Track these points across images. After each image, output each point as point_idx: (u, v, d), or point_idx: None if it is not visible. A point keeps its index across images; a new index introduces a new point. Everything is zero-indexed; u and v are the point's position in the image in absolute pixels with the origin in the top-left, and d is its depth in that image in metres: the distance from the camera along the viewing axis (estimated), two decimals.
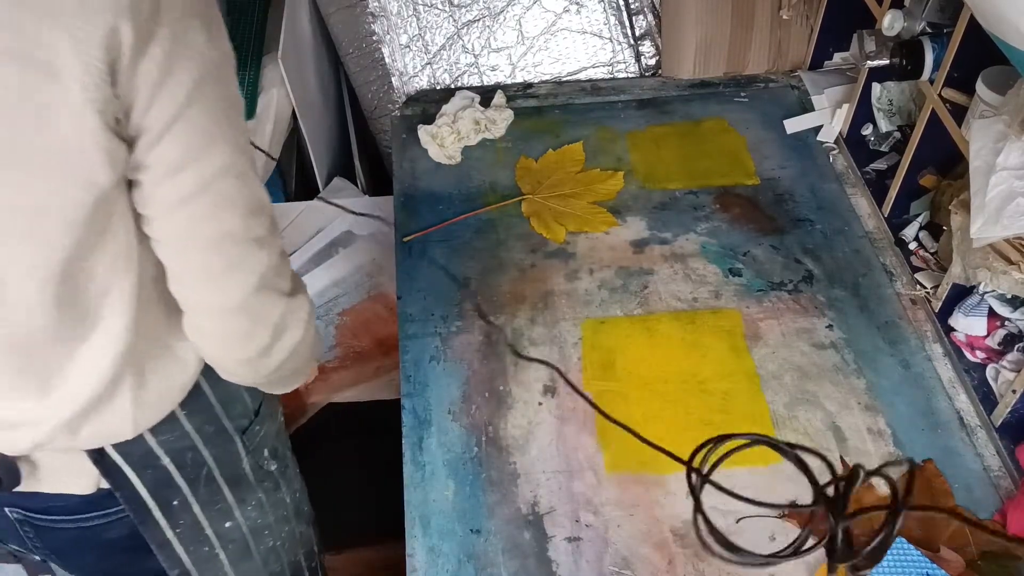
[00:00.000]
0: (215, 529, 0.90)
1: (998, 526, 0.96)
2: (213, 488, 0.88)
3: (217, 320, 0.76)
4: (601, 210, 1.33)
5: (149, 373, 0.77)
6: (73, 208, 0.65)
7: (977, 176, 0.95)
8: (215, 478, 0.88)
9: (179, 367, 0.80)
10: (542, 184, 1.37)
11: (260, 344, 0.78)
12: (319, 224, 1.56)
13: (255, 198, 0.73)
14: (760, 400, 1.08)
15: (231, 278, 0.73)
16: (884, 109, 1.37)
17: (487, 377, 1.11)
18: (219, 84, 0.67)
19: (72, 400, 0.74)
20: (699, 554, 0.94)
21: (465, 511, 0.99)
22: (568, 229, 1.30)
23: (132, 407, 0.77)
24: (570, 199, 1.35)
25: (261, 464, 0.93)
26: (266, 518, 0.95)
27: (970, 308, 1.10)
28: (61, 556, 0.90)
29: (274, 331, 0.77)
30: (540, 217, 1.32)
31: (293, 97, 1.53)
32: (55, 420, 0.75)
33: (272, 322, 0.77)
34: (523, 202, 1.34)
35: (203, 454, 0.86)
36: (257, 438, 0.92)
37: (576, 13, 1.56)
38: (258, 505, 0.94)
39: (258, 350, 0.78)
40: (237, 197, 0.71)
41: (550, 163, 1.41)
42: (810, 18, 1.52)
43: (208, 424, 0.85)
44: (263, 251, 0.74)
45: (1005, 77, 1.00)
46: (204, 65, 0.64)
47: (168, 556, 0.88)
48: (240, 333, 0.76)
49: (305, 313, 0.80)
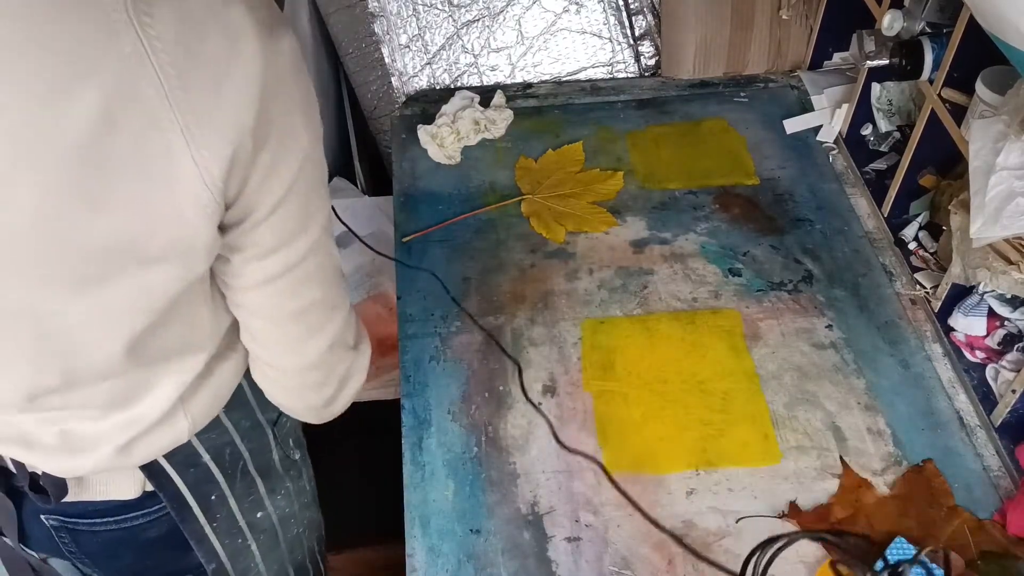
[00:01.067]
0: (248, 520, 0.91)
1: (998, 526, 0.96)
2: (248, 481, 0.90)
3: (288, 377, 0.79)
4: (601, 210, 1.33)
5: (204, 388, 0.79)
6: (161, 295, 0.66)
7: (977, 176, 0.95)
8: (249, 471, 0.89)
9: (230, 375, 0.82)
10: (542, 184, 1.37)
11: (326, 395, 0.81)
12: None
13: (335, 268, 0.76)
14: (760, 400, 1.08)
15: (307, 343, 0.76)
16: (884, 109, 1.37)
17: (487, 377, 1.11)
18: (314, 166, 0.69)
19: (137, 422, 0.76)
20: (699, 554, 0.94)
21: (465, 511, 0.99)
22: (568, 229, 1.30)
23: (188, 422, 0.79)
24: (570, 199, 1.35)
25: (288, 453, 0.95)
26: (292, 506, 0.97)
27: (970, 308, 1.10)
28: (97, 559, 0.90)
29: (340, 383, 0.81)
30: (540, 217, 1.32)
31: None
32: (115, 443, 0.76)
33: (339, 375, 0.80)
34: (523, 202, 1.34)
35: (240, 448, 0.87)
36: (285, 428, 0.94)
37: (576, 13, 1.56)
38: (286, 495, 0.96)
39: (324, 400, 0.81)
40: (319, 272, 0.73)
41: (550, 163, 1.41)
42: (809, 18, 1.52)
43: (245, 419, 0.87)
44: (338, 314, 0.77)
45: (1005, 77, 1.00)
46: (303, 154, 0.66)
47: (206, 551, 0.89)
48: (309, 386, 0.80)
49: (367, 360, 0.83)
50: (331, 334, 0.77)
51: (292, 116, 0.64)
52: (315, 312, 0.75)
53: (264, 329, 0.76)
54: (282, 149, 0.64)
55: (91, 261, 0.61)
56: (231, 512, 0.89)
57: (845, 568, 0.92)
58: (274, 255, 0.69)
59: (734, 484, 1.01)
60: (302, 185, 0.67)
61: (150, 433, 0.77)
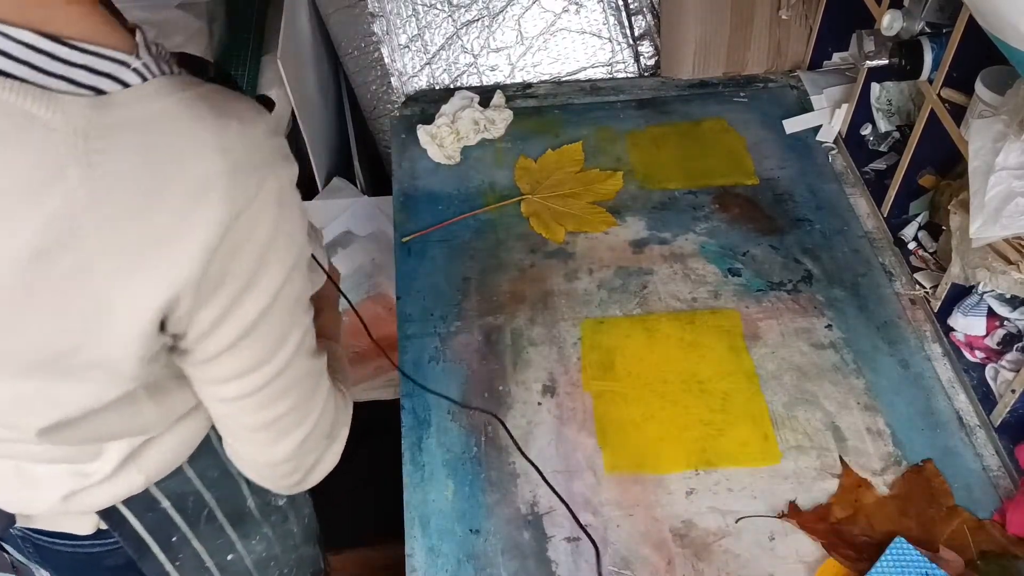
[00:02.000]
0: (216, 561, 0.88)
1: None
2: (215, 526, 0.86)
3: (256, 466, 0.76)
4: (600, 210, 1.33)
5: (159, 445, 0.76)
6: (73, 407, 0.63)
7: (976, 176, 0.95)
8: (217, 517, 0.86)
9: (192, 432, 0.79)
10: (541, 184, 1.37)
11: (295, 480, 0.77)
12: (318, 224, 1.56)
13: (313, 373, 0.71)
14: (759, 400, 1.08)
15: (275, 446, 0.72)
16: (883, 109, 1.37)
17: (486, 377, 1.11)
18: (288, 296, 0.63)
19: (86, 476, 0.74)
20: (699, 554, 0.94)
21: (464, 511, 0.99)
22: (567, 229, 1.30)
23: (142, 476, 0.76)
24: (569, 199, 1.35)
25: (268, 501, 0.91)
26: (272, 550, 0.93)
27: (969, 308, 1.10)
28: (63, 573, 0.90)
29: (308, 470, 0.77)
30: (539, 217, 1.32)
31: (292, 97, 1.53)
32: (64, 489, 0.74)
33: (307, 466, 0.76)
34: (522, 202, 1.34)
35: (204, 496, 0.84)
36: None
37: (575, 13, 1.56)
38: (263, 539, 0.91)
39: (295, 483, 0.78)
40: (293, 386, 0.69)
41: (549, 163, 1.41)
42: (809, 18, 1.52)
43: (212, 469, 0.83)
44: (312, 415, 0.72)
45: (1004, 77, 1.00)
46: (272, 294, 0.61)
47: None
48: (278, 475, 0.76)
49: (341, 445, 0.79)
50: (303, 433, 0.72)
51: (261, 262, 0.59)
52: (286, 419, 0.70)
53: (228, 428, 0.72)
54: (243, 294, 0.59)
55: (8, 360, 0.59)
56: (196, 553, 0.86)
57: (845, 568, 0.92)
58: (237, 380, 0.65)
59: (734, 484, 1.01)
60: (271, 319, 0.62)
61: (101, 484, 0.74)
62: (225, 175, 0.55)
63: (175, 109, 0.54)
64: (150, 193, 0.53)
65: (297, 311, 0.66)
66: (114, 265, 0.54)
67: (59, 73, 0.52)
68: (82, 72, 0.53)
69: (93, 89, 0.53)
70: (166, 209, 0.54)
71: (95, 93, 0.53)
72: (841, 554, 0.93)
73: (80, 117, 0.51)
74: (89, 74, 0.53)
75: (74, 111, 0.51)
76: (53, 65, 0.52)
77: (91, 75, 0.53)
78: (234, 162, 0.55)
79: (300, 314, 0.67)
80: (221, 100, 0.56)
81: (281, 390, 0.68)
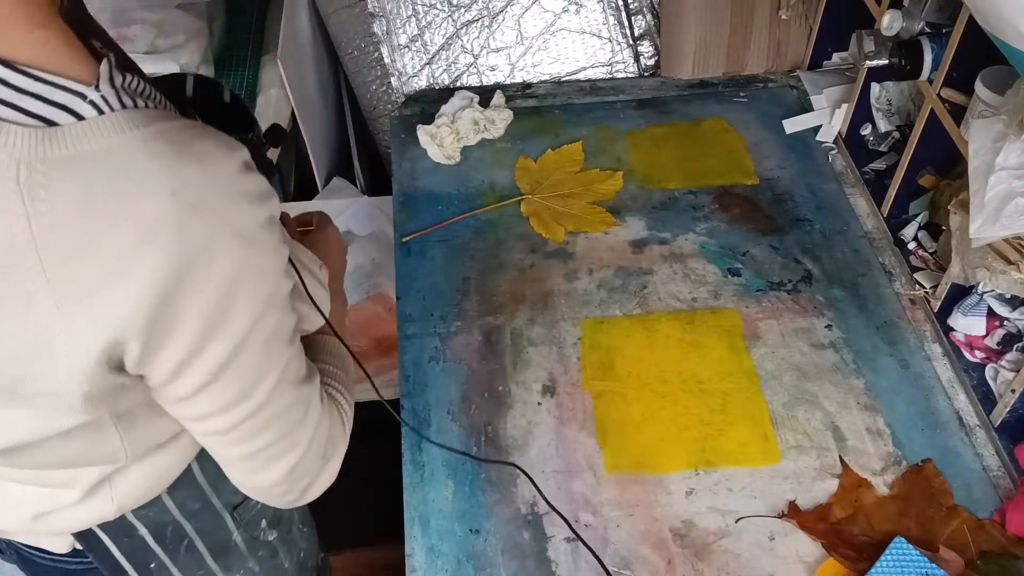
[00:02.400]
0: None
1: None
2: (195, 556, 0.84)
3: (249, 491, 0.74)
4: (600, 210, 1.33)
5: (134, 475, 0.74)
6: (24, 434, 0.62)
7: (976, 176, 0.95)
8: (197, 547, 0.84)
9: (171, 463, 0.77)
10: (541, 184, 1.37)
11: (292, 499, 0.75)
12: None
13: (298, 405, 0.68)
14: (759, 400, 1.08)
15: (265, 472, 0.70)
16: (883, 109, 1.37)
17: (486, 377, 1.11)
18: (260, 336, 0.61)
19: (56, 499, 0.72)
20: (698, 554, 0.94)
21: (464, 511, 0.99)
22: (567, 229, 1.30)
23: (114, 505, 0.75)
24: (569, 199, 1.35)
25: (257, 536, 0.89)
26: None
27: (969, 308, 1.10)
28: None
29: (306, 488, 0.75)
30: (539, 217, 1.32)
31: (292, 97, 1.53)
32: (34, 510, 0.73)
33: (304, 485, 0.74)
34: (522, 202, 1.34)
35: (184, 527, 0.82)
36: (252, 512, 0.88)
37: (575, 13, 1.56)
38: (248, 573, 0.90)
39: (291, 501, 0.76)
40: (279, 416, 0.67)
41: (549, 163, 1.41)
42: (809, 18, 1.52)
43: (193, 501, 0.81)
44: (302, 441, 0.70)
45: (1004, 77, 1.00)
46: (238, 338, 0.59)
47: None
48: (272, 496, 0.74)
49: (337, 464, 0.76)
50: (294, 460, 0.70)
51: (223, 305, 0.57)
52: (272, 448, 0.68)
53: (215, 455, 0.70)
54: (206, 337, 0.57)
55: None
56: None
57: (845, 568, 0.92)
58: (214, 417, 0.64)
59: (734, 484, 1.01)
60: (243, 359, 0.60)
61: (71, 508, 0.73)
62: (176, 217, 0.52)
63: (130, 146, 0.52)
64: (94, 231, 0.52)
65: (275, 346, 0.63)
66: (55, 300, 0.53)
67: (8, 100, 0.51)
68: (34, 101, 0.51)
69: (44, 120, 0.51)
70: (110, 248, 0.52)
71: (46, 124, 0.51)
72: (841, 554, 0.93)
73: (25, 148, 0.50)
74: (42, 104, 0.51)
75: (19, 142, 0.50)
76: (2, 92, 0.51)
77: (44, 105, 0.51)
78: (188, 204, 0.53)
79: (280, 348, 0.64)
80: (186, 138, 0.54)
81: (263, 423, 0.66)
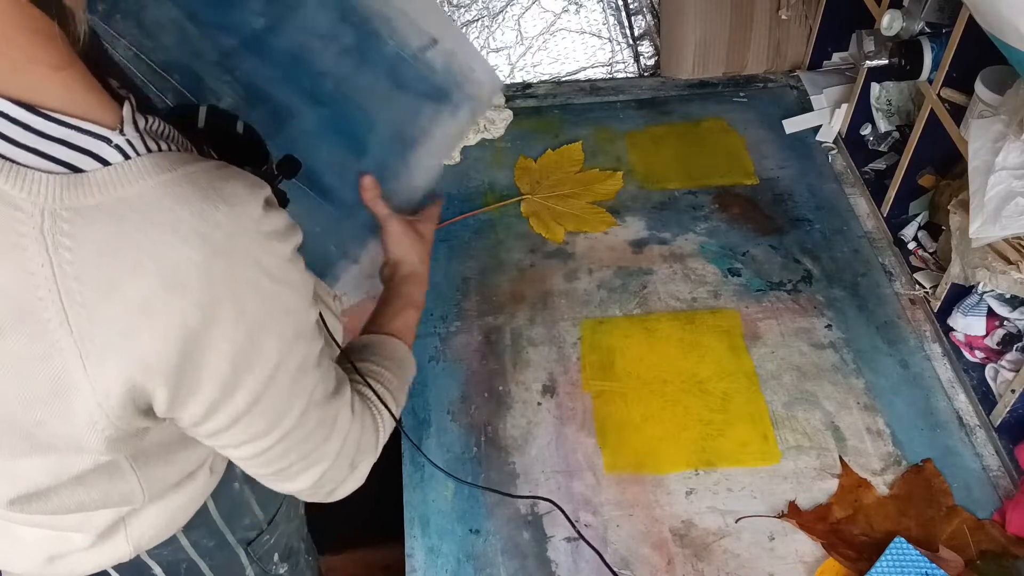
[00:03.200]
0: None
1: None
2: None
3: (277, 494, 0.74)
4: (600, 210, 1.33)
5: (150, 515, 0.74)
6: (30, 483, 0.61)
7: (976, 176, 0.95)
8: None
9: (187, 501, 0.76)
10: (541, 184, 1.37)
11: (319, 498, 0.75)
12: None
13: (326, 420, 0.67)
14: (759, 400, 1.08)
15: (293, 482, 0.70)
16: (883, 109, 1.37)
17: (486, 377, 1.11)
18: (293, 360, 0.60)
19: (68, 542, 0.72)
20: (698, 554, 0.94)
21: (464, 511, 0.99)
22: (567, 229, 1.30)
23: (129, 547, 0.74)
24: (569, 199, 1.35)
25: (268, 570, 0.89)
26: None
27: (969, 308, 1.10)
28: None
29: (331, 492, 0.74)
30: (539, 217, 1.32)
31: None
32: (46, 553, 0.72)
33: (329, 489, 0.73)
34: (522, 202, 1.34)
35: (199, 565, 0.82)
36: (266, 547, 0.88)
37: (575, 13, 1.56)
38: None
39: (318, 500, 0.75)
40: (306, 439, 0.66)
41: (549, 163, 1.41)
42: (809, 18, 1.52)
43: (208, 539, 0.81)
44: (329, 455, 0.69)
45: (1004, 77, 1.00)
46: (267, 374, 0.58)
47: None
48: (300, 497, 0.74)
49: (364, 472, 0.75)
50: (320, 472, 0.69)
51: (252, 344, 0.56)
52: (299, 465, 0.67)
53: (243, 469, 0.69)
54: (236, 378, 0.56)
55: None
56: None
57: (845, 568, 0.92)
58: (242, 447, 0.63)
59: (733, 484, 1.01)
60: (272, 394, 0.60)
61: (86, 551, 0.72)
62: (204, 261, 0.51)
63: (156, 192, 0.51)
64: (119, 278, 0.50)
65: (303, 375, 0.63)
66: (79, 349, 0.51)
67: (32, 146, 0.49)
68: (58, 147, 0.49)
69: (69, 166, 0.49)
70: (136, 294, 0.51)
71: (71, 170, 0.49)
72: (841, 554, 0.93)
73: (50, 196, 0.49)
74: (66, 149, 0.49)
75: (44, 190, 0.49)
76: (27, 137, 0.49)
77: (68, 150, 0.50)
78: (216, 247, 0.52)
79: (308, 375, 0.63)
80: (212, 180, 0.53)
81: (291, 446, 0.65)
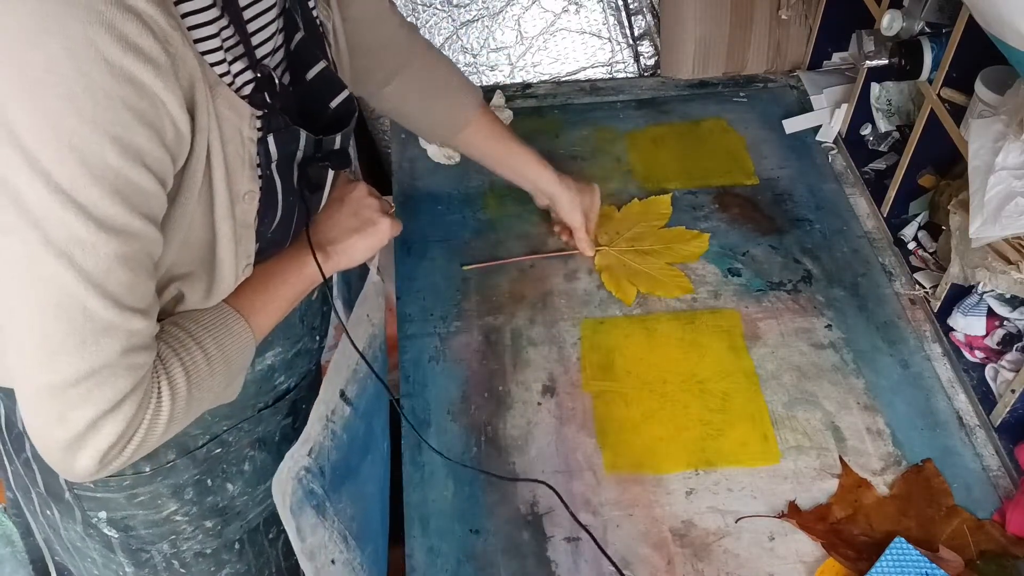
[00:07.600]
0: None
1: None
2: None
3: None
4: (679, 273, 1.22)
5: None
6: None
7: (976, 176, 0.95)
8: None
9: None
10: (621, 236, 1.26)
11: (63, 439, 0.66)
12: None
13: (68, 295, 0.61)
14: (759, 400, 1.08)
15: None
16: (883, 109, 1.37)
17: (486, 377, 1.11)
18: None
19: None
20: (698, 554, 0.94)
21: (464, 511, 0.99)
22: (640, 290, 1.20)
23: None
24: (648, 257, 1.24)
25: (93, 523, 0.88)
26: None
27: (969, 308, 1.10)
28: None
29: (78, 430, 0.65)
30: (612, 273, 1.22)
31: None
32: None
33: (59, 414, 0.65)
34: (598, 254, 1.24)
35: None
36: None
37: (575, 13, 1.56)
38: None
39: (65, 448, 0.66)
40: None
41: (633, 214, 1.31)
42: (809, 18, 1.52)
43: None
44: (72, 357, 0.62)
45: (1004, 77, 1.01)
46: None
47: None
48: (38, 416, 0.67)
49: (121, 422, 0.66)
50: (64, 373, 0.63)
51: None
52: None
53: None
54: None
55: None
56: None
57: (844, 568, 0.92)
58: None
59: (733, 484, 1.01)
60: None
61: None
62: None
63: None
64: None
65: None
66: None
67: None
68: None
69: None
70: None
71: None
72: (841, 554, 0.93)
73: None
74: None
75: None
76: None
77: None
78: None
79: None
80: None
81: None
